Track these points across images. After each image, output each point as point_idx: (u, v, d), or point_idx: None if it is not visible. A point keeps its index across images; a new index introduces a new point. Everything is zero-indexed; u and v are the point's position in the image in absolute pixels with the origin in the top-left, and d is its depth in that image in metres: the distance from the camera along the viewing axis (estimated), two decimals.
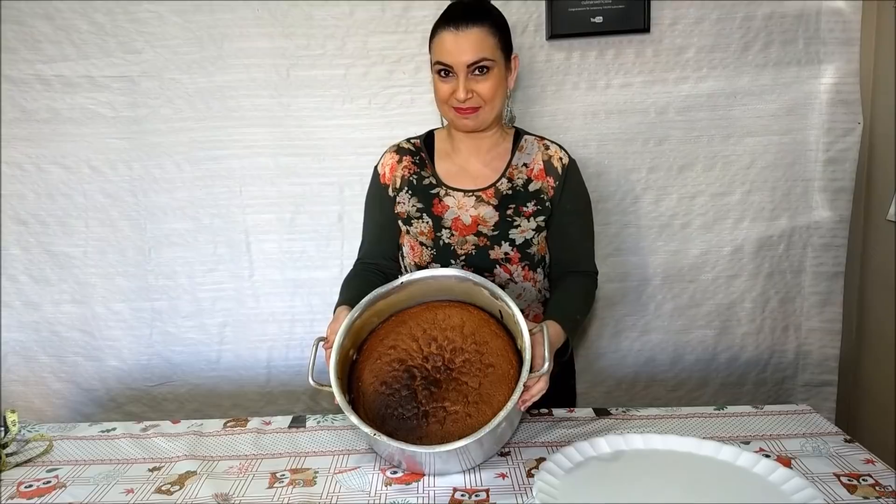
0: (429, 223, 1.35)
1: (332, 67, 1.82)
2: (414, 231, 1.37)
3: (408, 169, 1.40)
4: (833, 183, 1.88)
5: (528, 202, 1.35)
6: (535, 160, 1.37)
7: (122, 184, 1.88)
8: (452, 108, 1.30)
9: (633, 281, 1.95)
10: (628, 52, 1.81)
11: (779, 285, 1.94)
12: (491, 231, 1.34)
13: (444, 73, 1.28)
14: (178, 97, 1.83)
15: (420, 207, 1.37)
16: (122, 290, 1.93)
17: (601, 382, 2.00)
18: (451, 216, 1.35)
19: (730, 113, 1.85)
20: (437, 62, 1.28)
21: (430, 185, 1.38)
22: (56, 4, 1.78)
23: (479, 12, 1.26)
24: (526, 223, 1.34)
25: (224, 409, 1.98)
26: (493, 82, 1.27)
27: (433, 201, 1.36)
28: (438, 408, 1.11)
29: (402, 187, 1.39)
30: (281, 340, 1.96)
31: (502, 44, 1.28)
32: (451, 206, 1.35)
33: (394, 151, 1.43)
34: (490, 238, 1.34)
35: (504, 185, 1.36)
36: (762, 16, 1.80)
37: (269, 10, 1.79)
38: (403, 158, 1.41)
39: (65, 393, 1.99)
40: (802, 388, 2.00)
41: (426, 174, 1.39)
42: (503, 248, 1.34)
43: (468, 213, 1.34)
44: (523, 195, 1.35)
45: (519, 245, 1.35)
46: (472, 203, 1.35)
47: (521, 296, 1.40)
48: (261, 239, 1.92)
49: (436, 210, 1.36)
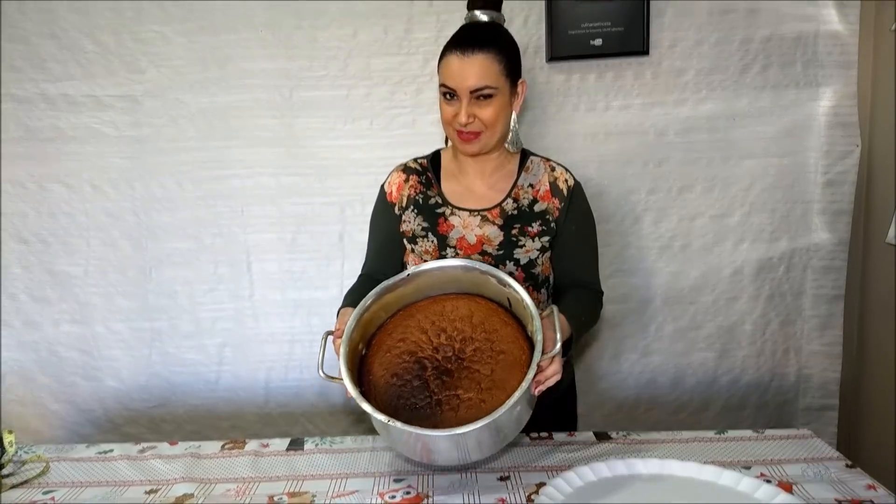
0: (434, 242, 1.36)
1: (334, 88, 1.84)
2: (419, 249, 1.38)
3: (414, 188, 1.41)
4: (832, 205, 1.88)
5: (534, 222, 1.35)
6: (541, 181, 1.38)
7: (124, 203, 1.89)
8: (455, 131, 1.31)
9: (633, 302, 1.94)
10: (627, 74, 1.83)
11: (779, 308, 1.94)
12: (496, 251, 1.34)
13: (448, 96, 1.29)
14: (181, 117, 1.85)
15: (425, 226, 1.37)
16: (122, 309, 1.93)
17: (602, 405, 1.99)
18: (456, 235, 1.35)
19: (729, 135, 1.86)
20: (442, 84, 1.29)
21: (435, 205, 1.38)
22: (62, 24, 1.80)
23: (487, 38, 1.27)
24: (531, 243, 1.35)
25: (222, 431, 1.97)
26: (495, 108, 1.28)
27: (438, 220, 1.37)
28: (451, 396, 1.08)
29: (408, 206, 1.40)
30: (280, 361, 1.96)
31: (508, 70, 1.29)
32: (457, 226, 1.36)
33: (401, 170, 1.44)
34: (494, 257, 1.34)
35: (510, 206, 1.37)
36: (760, 38, 1.82)
37: (272, 32, 1.81)
38: (410, 178, 1.42)
39: (62, 414, 1.98)
40: (804, 412, 1.99)
41: (432, 193, 1.40)
42: (508, 268, 1.34)
43: (473, 233, 1.35)
44: (528, 215, 1.36)
45: (523, 265, 1.35)
46: (478, 223, 1.35)
47: None
48: (262, 259, 1.92)
49: (441, 229, 1.36)
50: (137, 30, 1.80)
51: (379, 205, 1.45)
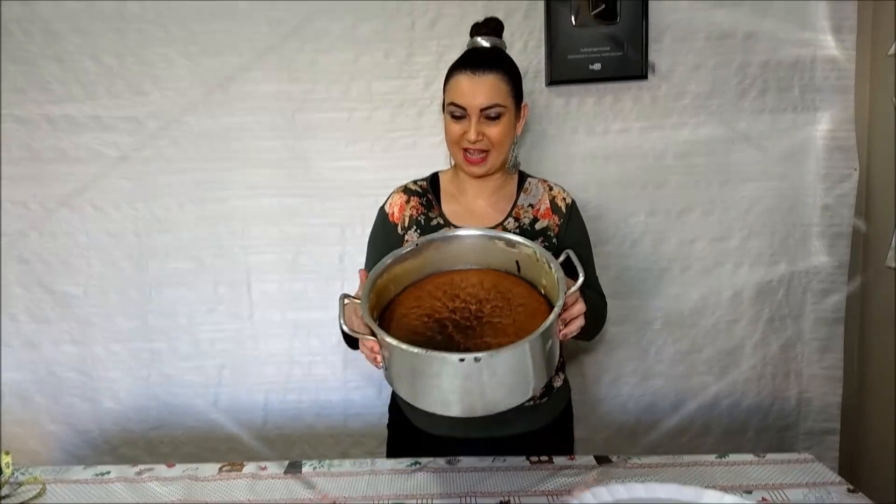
0: None
1: (336, 111, 1.85)
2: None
3: (416, 209, 1.41)
4: (831, 229, 1.89)
5: (535, 240, 1.36)
6: (540, 200, 1.41)
7: (126, 223, 1.89)
8: (462, 151, 1.32)
9: (632, 325, 1.94)
10: (626, 97, 1.84)
11: (779, 331, 1.93)
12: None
13: (456, 115, 1.30)
14: (183, 138, 1.86)
15: None
16: (121, 330, 1.93)
17: (602, 428, 1.98)
18: None
19: (727, 158, 1.87)
20: (451, 103, 1.30)
21: (437, 226, 1.39)
22: (66, 47, 1.82)
23: (495, 59, 1.30)
24: None
25: (220, 453, 1.95)
26: (503, 128, 1.30)
27: None
28: (479, 343, 1.04)
29: (411, 226, 1.40)
30: (279, 383, 1.95)
31: (514, 92, 1.32)
32: None
33: (402, 192, 1.44)
34: None
35: (511, 225, 1.38)
36: (758, 63, 1.83)
37: (275, 56, 1.82)
38: (412, 199, 1.42)
39: (60, 435, 1.96)
40: (805, 436, 1.98)
41: (434, 214, 1.40)
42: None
43: None
44: (530, 234, 1.37)
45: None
46: None
47: None
48: (262, 279, 1.92)
49: None
50: (141, 52, 1.82)
51: (379, 226, 1.45)
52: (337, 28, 1.82)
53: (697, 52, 1.82)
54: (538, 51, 1.82)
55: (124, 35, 1.81)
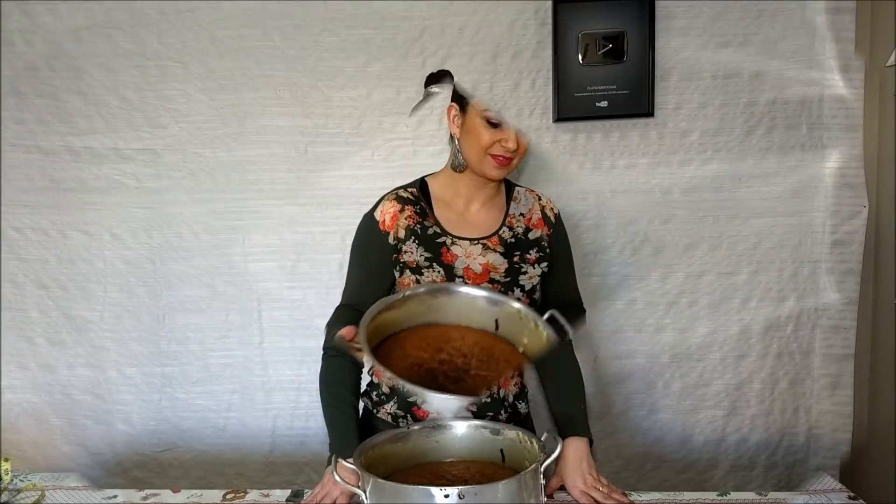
0: (440, 272, 1.37)
1: (348, 145, 1.90)
2: (425, 280, 1.38)
3: (411, 218, 1.40)
4: (840, 265, 1.88)
5: (531, 249, 1.41)
6: (531, 210, 1.46)
7: (142, 251, 1.94)
8: (491, 157, 1.35)
9: (639, 358, 1.94)
10: (633, 134, 1.87)
11: (788, 367, 1.93)
12: (503, 277, 1.37)
13: (493, 122, 1.35)
14: (200, 170, 1.91)
15: (429, 257, 1.38)
16: (134, 354, 1.97)
17: (609, 461, 1.98)
18: (462, 265, 1.37)
19: (734, 195, 1.88)
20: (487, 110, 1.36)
21: (434, 235, 1.39)
22: (89, 81, 1.88)
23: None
24: (532, 270, 1.39)
25: (227, 478, 1.98)
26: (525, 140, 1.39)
27: (441, 250, 1.38)
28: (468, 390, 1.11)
29: (409, 237, 1.38)
30: (286, 409, 1.97)
31: None
32: (460, 255, 1.38)
33: (394, 200, 1.41)
34: (503, 284, 1.37)
35: (507, 234, 1.41)
36: (765, 101, 1.85)
37: (290, 91, 1.88)
38: (406, 208, 1.40)
39: (73, 456, 2.00)
40: (815, 473, 1.95)
41: (429, 223, 1.40)
42: (515, 294, 1.37)
43: (477, 262, 1.37)
44: (525, 243, 1.41)
45: (528, 291, 1.39)
46: (480, 251, 1.38)
47: None
48: (272, 307, 1.96)
49: (445, 259, 1.38)
50: (161, 87, 1.88)
51: (368, 233, 1.42)
52: (350, 66, 1.86)
53: (704, 90, 1.84)
54: (546, 88, 1.85)
55: (145, 71, 1.88)
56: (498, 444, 1.21)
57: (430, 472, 1.20)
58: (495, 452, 1.22)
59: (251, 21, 1.86)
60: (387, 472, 1.18)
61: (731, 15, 1.82)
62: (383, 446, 1.20)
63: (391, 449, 1.21)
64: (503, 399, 1.40)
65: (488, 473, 1.18)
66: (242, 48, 1.87)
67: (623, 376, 1.95)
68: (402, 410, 1.38)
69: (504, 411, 1.40)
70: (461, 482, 1.16)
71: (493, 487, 1.01)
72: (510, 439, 1.20)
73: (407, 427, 1.26)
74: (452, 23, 1.84)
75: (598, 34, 1.80)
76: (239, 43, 1.86)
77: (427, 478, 1.18)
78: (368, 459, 1.15)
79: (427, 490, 1.00)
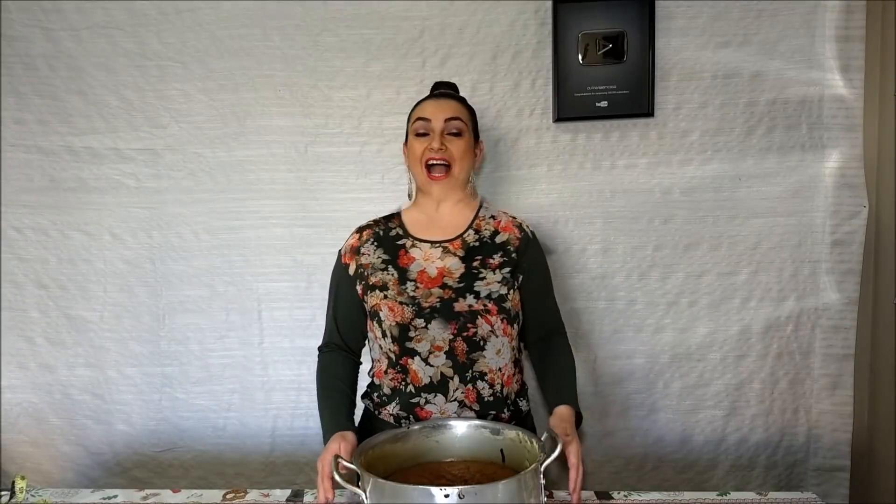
0: (394, 275, 1.38)
1: (348, 145, 1.90)
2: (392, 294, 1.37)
3: (371, 229, 1.47)
4: (840, 265, 1.88)
5: (495, 253, 1.40)
6: (499, 215, 1.48)
7: (142, 251, 1.94)
8: (425, 168, 1.40)
9: (639, 358, 1.94)
10: (633, 134, 1.87)
11: (787, 367, 1.93)
12: (456, 283, 1.36)
13: (420, 132, 1.42)
14: (199, 170, 1.91)
15: (385, 258, 1.40)
16: (134, 354, 1.97)
17: (609, 461, 1.98)
18: (417, 268, 1.38)
19: (735, 195, 1.88)
20: (417, 118, 1.43)
21: (396, 236, 1.43)
22: (89, 81, 1.88)
23: (456, 93, 1.54)
24: (491, 275, 1.37)
25: (227, 478, 1.98)
26: (464, 144, 1.42)
27: (399, 252, 1.41)
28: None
29: (367, 240, 1.45)
30: (286, 409, 1.97)
31: (472, 123, 1.48)
32: (417, 258, 1.39)
33: (355, 231, 1.51)
34: (455, 290, 1.36)
35: (471, 237, 1.42)
36: (765, 102, 1.85)
37: (290, 92, 1.88)
38: (364, 232, 1.48)
39: (73, 456, 2.00)
40: (815, 473, 1.96)
41: (393, 225, 1.46)
42: (467, 301, 1.35)
43: (434, 265, 1.38)
44: (490, 246, 1.41)
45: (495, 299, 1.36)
46: (439, 254, 1.39)
47: (500, 351, 1.38)
48: (272, 307, 1.96)
49: (401, 262, 1.39)
50: (161, 87, 1.88)
51: (335, 269, 1.50)
52: (350, 67, 1.87)
53: (704, 90, 1.85)
54: (546, 88, 1.85)
55: (145, 71, 1.88)
56: (498, 444, 1.22)
57: (430, 471, 1.20)
58: (495, 452, 1.22)
59: (251, 21, 1.86)
60: (387, 471, 1.18)
61: (731, 15, 1.83)
62: (383, 446, 1.20)
63: (391, 449, 1.21)
64: (506, 397, 1.40)
65: (488, 473, 1.18)
66: (242, 48, 1.87)
67: (623, 376, 1.95)
68: (405, 411, 1.38)
69: (507, 409, 1.40)
70: (461, 482, 1.16)
71: (493, 487, 1.01)
72: (510, 439, 1.21)
73: (407, 427, 1.26)
74: (452, 23, 1.85)
75: (598, 34, 1.80)
76: (239, 43, 1.87)
77: (427, 478, 1.18)
78: (368, 459, 1.15)
79: (427, 490, 0.99)
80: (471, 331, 1.35)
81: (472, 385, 1.36)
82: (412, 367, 1.36)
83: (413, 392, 1.37)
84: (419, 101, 1.50)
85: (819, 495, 1.32)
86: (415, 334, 1.36)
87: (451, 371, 1.35)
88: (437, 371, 1.35)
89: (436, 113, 1.43)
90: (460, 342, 1.35)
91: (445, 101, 1.46)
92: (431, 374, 1.36)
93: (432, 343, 1.35)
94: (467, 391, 1.36)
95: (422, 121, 1.43)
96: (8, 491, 1.31)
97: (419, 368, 1.36)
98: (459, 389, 1.36)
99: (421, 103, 1.48)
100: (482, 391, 1.36)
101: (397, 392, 1.39)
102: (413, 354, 1.36)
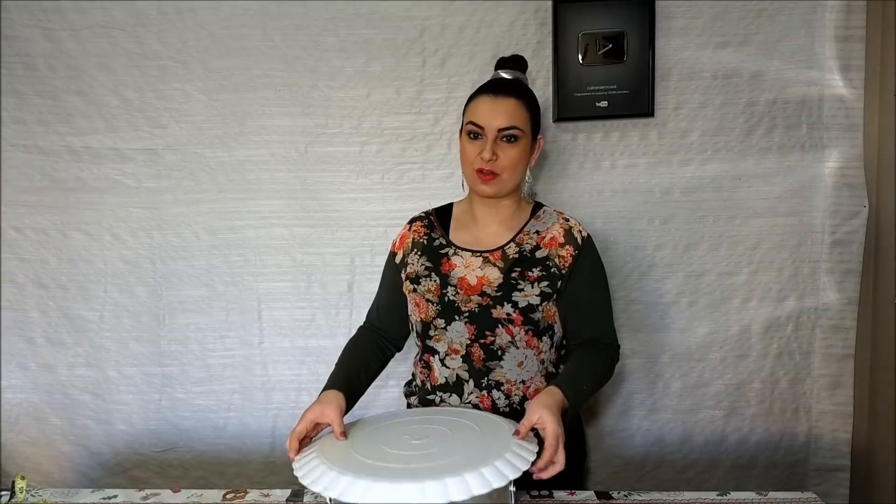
0: (436, 281, 1.38)
1: (348, 145, 1.90)
2: (421, 289, 1.39)
3: (417, 232, 1.46)
4: (840, 265, 1.88)
5: (534, 267, 1.36)
6: (549, 229, 1.40)
7: (142, 251, 1.94)
8: (476, 171, 1.34)
9: (639, 358, 1.94)
10: (633, 134, 1.87)
11: (787, 367, 1.93)
12: (494, 292, 1.35)
13: (473, 136, 1.33)
14: (200, 170, 1.91)
15: (428, 266, 1.40)
16: (134, 354, 1.97)
17: (609, 461, 1.98)
18: (458, 275, 1.38)
19: (735, 195, 1.88)
20: (469, 122, 1.34)
21: (440, 246, 1.42)
22: (89, 81, 1.88)
23: (517, 87, 1.36)
24: (530, 288, 1.35)
25: (228, 478, 1.98)
26: (518, 152, 1.33)
27: (441, 260, 1.40)
28: None
29: (413, 249, 1.45)
30: (286, 409, 1.97)
31: (532, 121, 1.36)
32: (458, 265, 1.38)
33: (407, 222, 1.51)
34: (493, 298, 1.35)
35: (511, 249, 1.38)
36: (765, 102, 1.85)
37: (290, 91, 1.88)
38: (414, 224, 1.48)
39: (73, 456, 2.00)
40: (815, 473, 1.96)
41: (436, 235, 1.44)
42: (505, 309, 1.35)
43: (474, 274, 1.37)
44: (529, 260, 1.37)
45: (522, 308, 1.34)
46: (479, 263, 1.38)
47: (521, 363, 1.37)
48: (272, 307, 1.96)
49: (443, 269, 1.39)
50: (161, 87, 1.88)
51: (388, 257, 1.51)
52: (350, 66, 1.87)
53: (704, 90, 1.84)
54: (546, 88, 1.85)
55: (145, 71, 1.88)
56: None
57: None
58: None
59: (251, 21, 1.86)
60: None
61: (731, 15, 1.82)
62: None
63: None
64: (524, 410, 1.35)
65: None
66: (242, 48, 1.87)
67: (623, 376, 1.95)
68: (423, 405, 1.42)
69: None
70: None
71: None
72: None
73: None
74: (452, 23, 1.85)
75: (598, 34, 1.80)
76: (239, 43, 1.87)
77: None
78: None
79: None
80: (489, 339, 1.35)
81: (488, 392, 1.36)
82: (433, 365, 1.39)
83: (430, 389, 1.40)
84: (477, 93, 1.36)
85: (819, 495, 1.31)
86: (434, 333, 1.38)
87: (466, 374, 1.36)
88: (453, 373, 1.37)
89: (490, 120, 1.31)
90: (477, 348, 1.35)
91: (503, 102, 1.32)
92: (447, 375, 1.37)
93: (449, 345, 1.37)
94: (482, 396, 1.36)
95: (474, 125, 1.33)
96: (8, 491, 1.31)
97: (437, 367, 1.38)
98: (474, 393, 1.36)
99: (477, 98, 1.35)
100: (497, 400, 1.36)
101: (421, 385, 1.43)
102: (433, 353, 1.39)
